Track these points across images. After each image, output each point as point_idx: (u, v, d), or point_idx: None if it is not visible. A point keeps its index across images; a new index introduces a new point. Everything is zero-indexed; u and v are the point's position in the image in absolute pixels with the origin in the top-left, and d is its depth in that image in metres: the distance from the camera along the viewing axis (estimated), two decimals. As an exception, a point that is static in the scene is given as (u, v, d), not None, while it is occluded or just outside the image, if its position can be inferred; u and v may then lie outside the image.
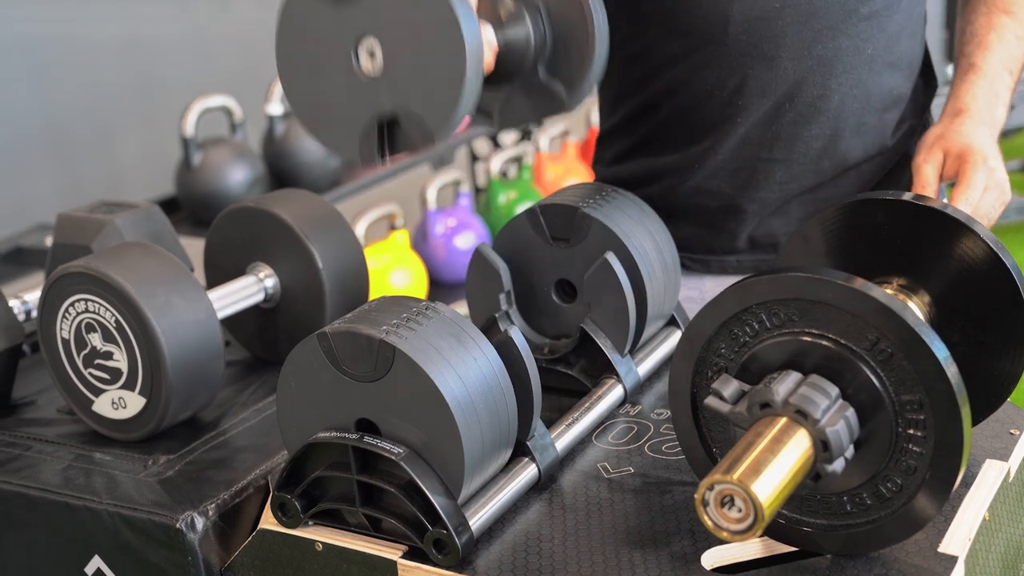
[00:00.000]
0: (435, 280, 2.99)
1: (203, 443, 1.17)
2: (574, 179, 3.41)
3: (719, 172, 1.36)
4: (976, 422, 1.05)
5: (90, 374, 1.18)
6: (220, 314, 1.24)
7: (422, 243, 3.01)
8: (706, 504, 0.82)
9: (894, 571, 0.89)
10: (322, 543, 0.98)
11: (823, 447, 0.85)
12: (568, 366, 1.22)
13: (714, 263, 1.41)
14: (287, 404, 1.00)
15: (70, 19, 3.33)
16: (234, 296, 1.29)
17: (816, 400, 0.85)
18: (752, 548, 0.95)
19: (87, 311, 1.16)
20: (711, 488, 0.82)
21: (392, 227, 2.92)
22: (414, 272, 2.85)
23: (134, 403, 1.16)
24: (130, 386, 1.16)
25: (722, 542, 0.93)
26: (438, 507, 0.92)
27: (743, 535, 0.81)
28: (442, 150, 3.23)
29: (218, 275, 1.35)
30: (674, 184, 1.39)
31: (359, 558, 0.97)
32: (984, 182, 1.21)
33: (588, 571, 0.92)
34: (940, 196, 1.28)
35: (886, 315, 0.84)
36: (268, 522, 1.02)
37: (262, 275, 1.32)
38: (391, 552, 0.96)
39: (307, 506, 0.99)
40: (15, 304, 1.36)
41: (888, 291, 0.99)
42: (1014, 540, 1.04)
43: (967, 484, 1.00)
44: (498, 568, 0.93)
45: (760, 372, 0.91)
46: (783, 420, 0.85)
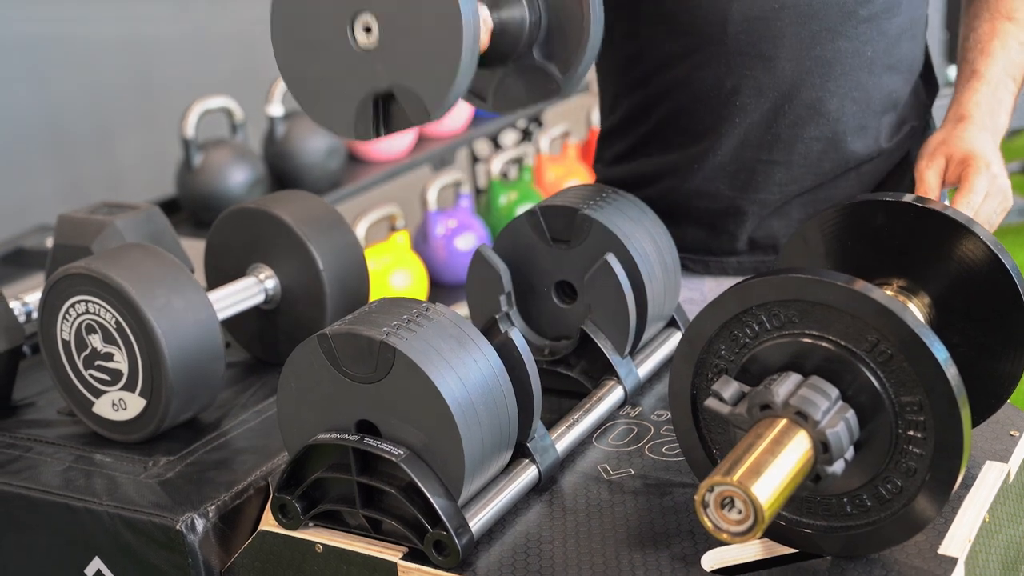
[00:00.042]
0: (435, 281, 2.99)
1: (203, 444, 1.17)
2: (575, 180, 3.41)
3: (719, 173, 1.36)
4: (976, 423, 1.05)
5: (90, 375, 1.18)
6: (220, 315, 1.24)
7: (423, 244, 3.01)
8: (706, 506, 0.82)
9: (894, 573, 0.89)
10: (322, 544, 0.98)
11: (823, 449, 0.85)
12: (568, 367, 1.22)
13: (714, 264, 1.41)
14: (287, 405, 1.00)
15: (70, 19, 3.33)
16: (234, 297, 1.29)
17: (816, 402, 0.85)
18: (752, 550, 0.95)
19: (87, 312, 1.16)
20: (711, 490, 0.82)
21: (393, 228, 2.92)
22: (415, 273, 2.85)
23: (134, 404, 1.16)
24: (130, 387, 1.16)
25: (722, 544, 0.93)
26: (438, 508, 0.92)
27: (743, 537, 0.81)
28: (442, 151, 3.23)
29: (218, 276, 1.35)
30: (674, 185, 1.39)
31: (359, 560, 0.97)
32: (986, 187, 1.20)
33: (588, 573, 0.92)
34: (942, 201, 1.28)
35: (886, 317, 0.84)
36: (268, 523, 1.02)
37: (262, 276, 1.32)
38: (391, 554, 0.96)
39: (307, 507, 0.99)
40: (15, 305, 1.36)
41: (888, 293, 0.99)
42: (1014, 542, 1.04)
43: (967, 486, 1.00)
44: (498, 569, 0.93)
45: (760, 373, 0.91)
46: (783, 422, 0.86)
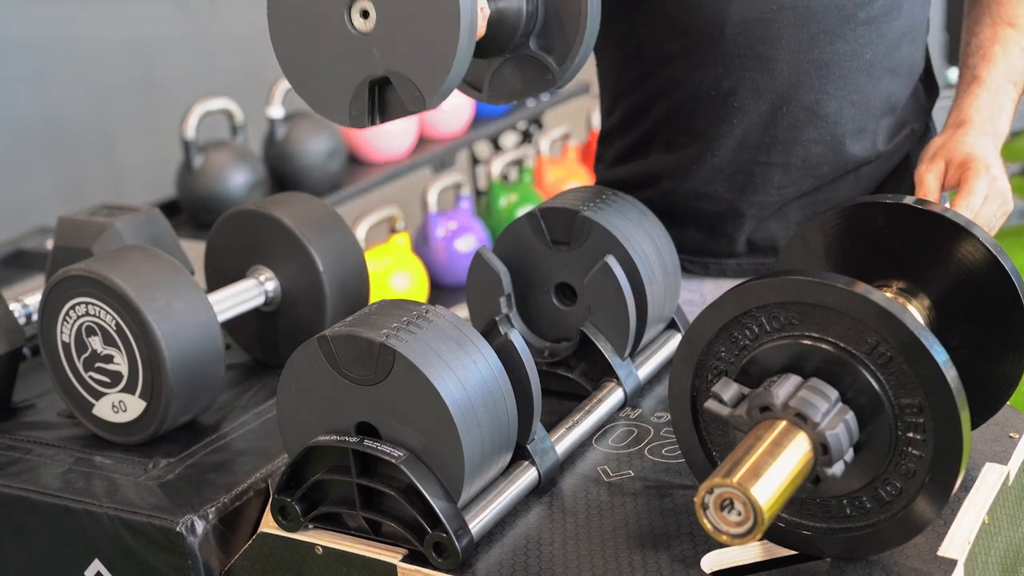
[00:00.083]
0: (436, 283, 3.00)
1: (203, 446, 1.17)
2: (575, 182, 3.42)
3: (717, 175, 1.36)
4: (976, 425, 1.05)
5: (90, 377, 1.18)
6: (220, 317, 1.24)
7: (423, 246, 3.01)
8: (706, 507, 0.82)
9: (893, 575, 0.89)
10: (322, 546, 0.98)
11: (823, 450, 0.85)
12: (568, 369, 1.22)
13: (713, 266, 1.41)
14: (287, 407, 1.00)
15: (71, 20, 3.33)
16: (234, 299, 1.29)
17: (816, 403, 0.85)
18: (752, 551, 0.95)
19: (88, 314, 1.16)
20: (711, 491, 0.82)
21: (393, 230, 2.92)
22: (415, 275, 2.86)
23: (134, 406, 1.16)
24: (130, 389, 1.16)
25: (722, 545, 0.93)
26: (438, 510, 0.92)
27: (743, 538, 0.81)
28: (443, 153, 3.23)
29: (219, 278, 1.35)
30: (672, 187, 1.39)
31: (359, 561, 0.97)
32: (986, 190, 1.20)
33: (588, 574, 0.92)
34: (942, 204, 1.28)
35: (886, 319, 0.84)
36: (268, 525, 1.02)
37: (262, 278, 1.32)
38: (391, 555, 0.96)
39: (307, 509, 0.99)
40: (15, 307, 1.36)
41: (888, 295, 0.99)
42: (1013, 543, 1.04)
43: (966, 487, 1.00)
44: (498, 571, 0.93)
45: (760, 375, 0.91)
46: (783, 423, 0.86)
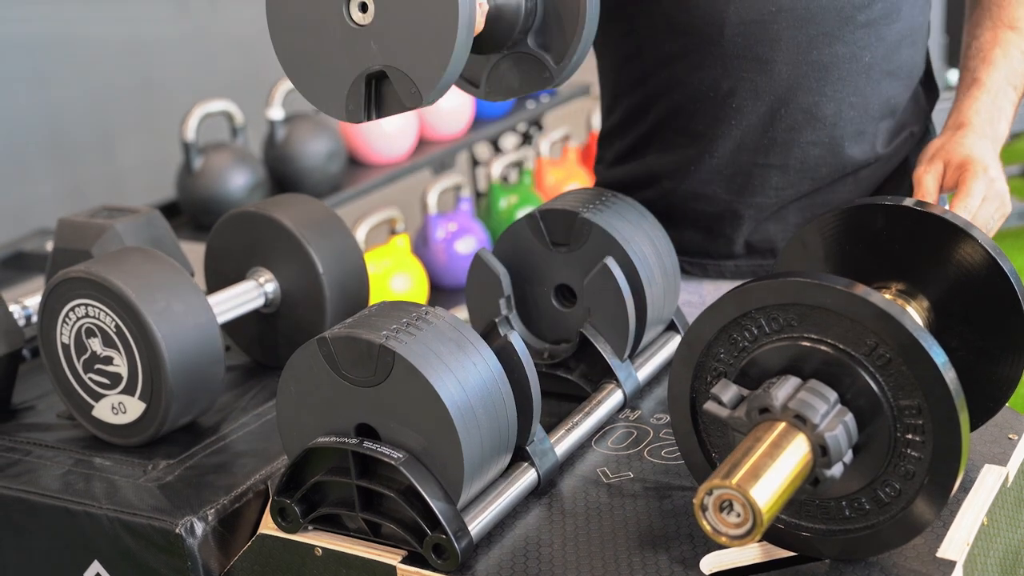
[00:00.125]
0: (436, 285, 3.00)
1: (203, 448, 1.17)
2: (575, 184, 3.42)
3: (715, 176, 1.36)
4: (975, 427, 1.05)
5: (90, 379, 1.18)
6: (220, 319, 1.24)
7: (423, 248, 3.01)
8: (705, 509, 0.82)
9: (893, 576, 0.89)
10: (322, 548, 0.98)
11: (822, 452, 0.85)
12: (568, 371, 1.22)
13: (712, 268, 1.42)
14: (287, 409, 1.00)
15: (70, 20, 3.33)
16: (234, 301, 1.29)
17: (815, 405, 0.85)
18: (751, 553, 0.95)
19: (87, 316, 1.16)
20: (710, 493, 0.82)
21: (393, 232, 2.92)
22: (415, 277, 2.86)
23: (134, 408, 1.16)
24: (130, 391, 1.16)
25: (721, 547, 0.93)
26: (437, 512, 0.92)
27: (742, 540, 0.82)
28: (443, 155, 3.23)
29: (218, 280, 1.35)
30: (671, 187, 1.39)
31: (359, 563, 0.97)
32: (983, 191, 1.20)
33: (587, 576, 0.92)
34: (941, 206, 1.28)
35: (885, 320, 0.84)
36: (268, 527, 1.02)
37: (262, 280, 1.32)
38: (390, 557, 0.96)
39: (307, 511, 0.99)
40: (15, 309, 1.36)
41: (887, 296, 0.99)
42: (1012, 545, 1.04)
43: (965, 489, 1.00)
44: (497, 573, 0.93)
45: (759, 377, 0.91)
46: (782, 425, 0.86)
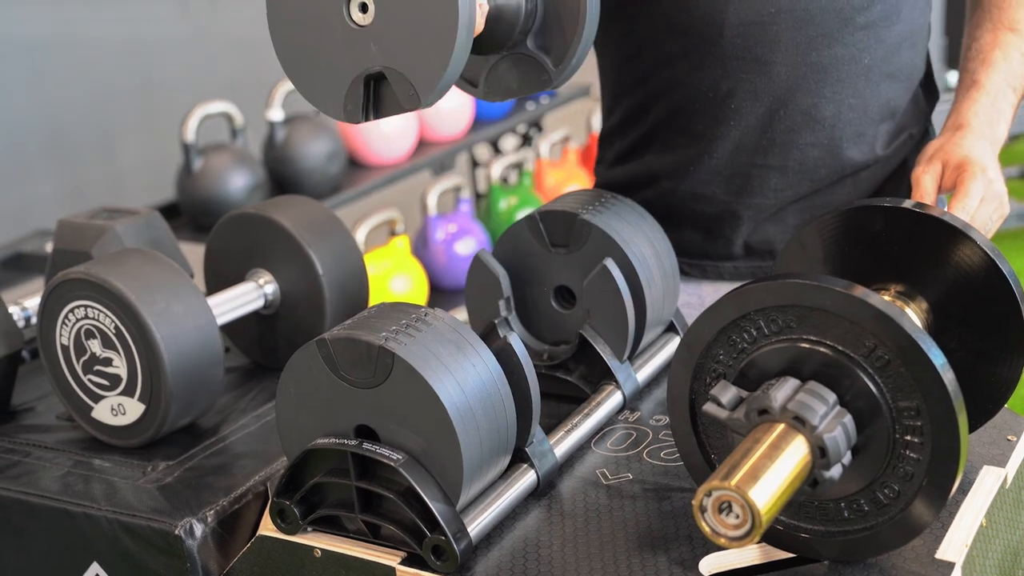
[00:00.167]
0: (435, 286, 3.00)
1: (202, 449, 1.17)
2: (575, 185, 3.42)
3: (714, 177, 1.36)
4: (973, 428, 1.05)
5: (89, 380, 1.18)
6: (220, 320, 1.24)
7: (422, 249, 3.01)
8: (704, 510, 0.82)
9: (892, 577, 0.89)
10: (321, 549, 0.98)
11: (821, 453, 0.85)
12: (567, 372, 1.22)
13: (711, 269, 1.42)
14: (286, 410, 1.00)
15: (70, 20, 3.33)
16: (234, 302, 1.29)
17: (814, 407, 0.85)
18: (750, 554, 0.95)
19: (87, 317, 1.16)
20: (709, 494, 0.82)
21: (392, 233, 2.93)
22: (414, 278, 2.86)
23: (133, 409, 1.16)
24: (129, 392, 1.16)
25: (720, 548, 0.93)
26: (436, 513, 0.92)
27: (741, 541, 0.82)
28: (443, 156, 3.24)
29: (218, 281, 1.35)
30: (670, 188, 1.39)
31: (358, 564, 0.97)
32: (982, 192, 1.20)
33: (586, 577, 0.92)
34: (939, 207, 1.28)
35: (884, 322, 0.84)
36: (267, 528, 1.02)
37: (262, 281, 1.32)
38: (390, 558, 0.96)
39: (306, 512, 0.99)
40: (15, 310, 1.36)
41: (886, 298, 0.99)
42: (1011, 546, 1.04)
43: (964, 490, 1.00)
44: (496, 574, 0.93)
45: (758, 378, 0.91)
46: (781, 426, 0.86)
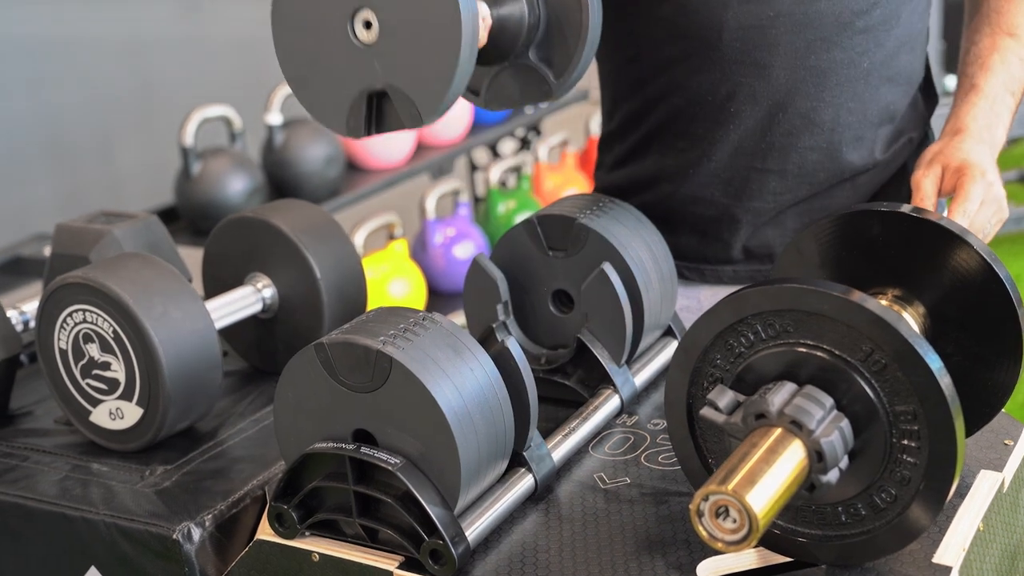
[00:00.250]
0: (434, 289, 3.00)
1: (200, 453, 1.17)
2: (573, 189, 3.42)
3: (713, 180, 1.36)
4: (970, 433, 1.05)
5: (88, 384, 1.18)
6: (218, 324, 1.25)
7: (421, 253, 3.01)
8: (701, 515, 0.83)
9: (889, 582, 0.89)
10: (319, 554, 0.98)
11: (818, 458, 0.85)
12: (565, 376, 1.22)
13: (709, 272, 1.42)
14: (284, 414, 1.00)
15: (69, 22, 3.33)
16: (232, 306, 1.29)
17: (811, 411, 0.86)
18: (747, 558, 0.95)
19: (85, 321, 1.16)
20: (706, 499, 0.82)
21: (391, 237, 2.93)
22: (413, 282, 2.86)
23: (132, 413, 1.16)
24: (128, 396, 1.16)
25: (717, 552, 0.93)
26: (434, 517, 0.93)
27: (738, 545, 0.82)
28: (441, 160, 3.24)
29: (216, 285, 1.35)
30: (669, 191, 1.39)
31: (356, 569, 0.97)
32: (982, 195, 1.21)
33: (584, 581, 0.92)
34: (939, 211, 1.28)
35: (880, 326, 0.85)
36: (265, 533, 1.02)
37: (260, 285, 1.32)
38: (387, 563, 0.96)
39: (304, 516, 0.99)
40: (13, 314, 1.36)
41: (883, 302, 1.00)
42: (1008, 550, 1.04)
43: (961, 495, 1.00)
44: (494, 578, 0.93)
45: (755, 383, 0.91)
46: (778, 431, 0.86)
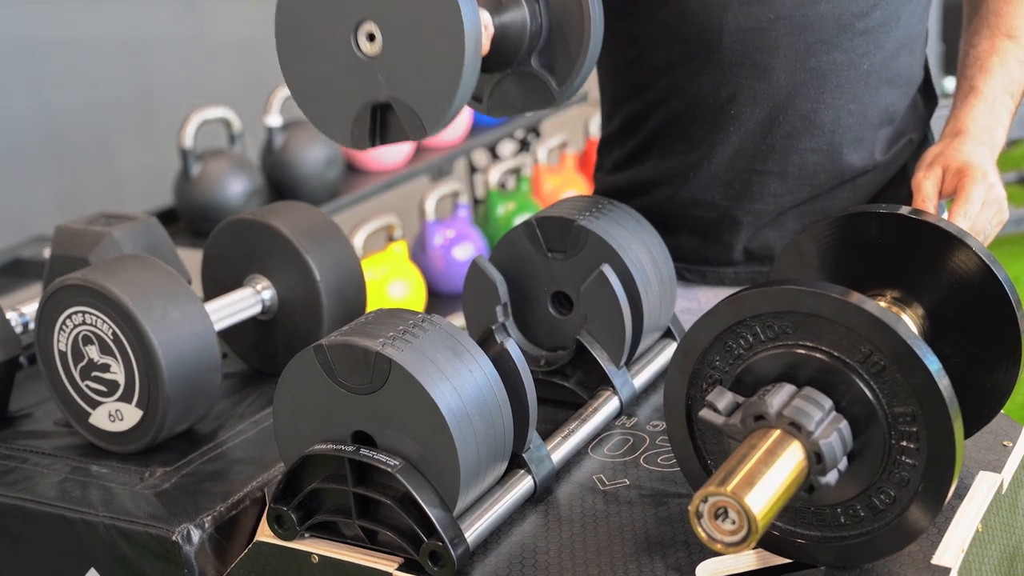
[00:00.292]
0: (433, 291, 3.00)
1: (200, 455, 1.17)
2: (573, 190, 3.42)
3: (713, 182, 1.36)
4: (969, 434, 1.06)
5: (87, 386, 1.18)
6: (217, 326, 1.25)
7: (420, 254, 3.01)
8: (700, 516, 0.83)
9: (888, 583, 0.89)
10: (318, 555, 0.99)
11: (817, 459, 0.85)
12: (564, 378, 1.22)
13: (710, 274, 1.42)
14: (283, 416, 1.00)
15: (69, 22, 3.33)
16: (231, 308, 1.29)
17: (810, 412, 0.86)
18: (746, 560, 0.95)
19: (84, 323, 1.16)
20: (705, 500, 0.82)
21: (390, 238, 2.92)
22: (412, 283, 2.86)
23: (131, 415, 1.17)
24: (127, 398, 1.16)
25: (716, 554, 0.93)
26: (434, 519, 0.93)
27: (737, 547, 0.82)
28: (440, 161, 3.24)
29: (216, 287, 1.35)
30: (669, 193, 1.39)
31: (355, 570, 0.97)
32: (982, 197, 1.21)
33: (583, 583, 0.92)
34: (940, 212, 1.28)
35: (879, 328, 0.85)
36: (264, 534, 1.02)
37: (259, 287, 1.32)
38: (387, 564, 0.96)
39: (303, 518, 0.99)
40: (12, 316, 1.37)
41: (882, 304, 1.00)
42: (1007, 551, 1.04)
43: (960, 496, 1.00)
44: (493, 580, 0.94)
45: (754, 384, 0.91)
46: (777, 432, 0.86)
